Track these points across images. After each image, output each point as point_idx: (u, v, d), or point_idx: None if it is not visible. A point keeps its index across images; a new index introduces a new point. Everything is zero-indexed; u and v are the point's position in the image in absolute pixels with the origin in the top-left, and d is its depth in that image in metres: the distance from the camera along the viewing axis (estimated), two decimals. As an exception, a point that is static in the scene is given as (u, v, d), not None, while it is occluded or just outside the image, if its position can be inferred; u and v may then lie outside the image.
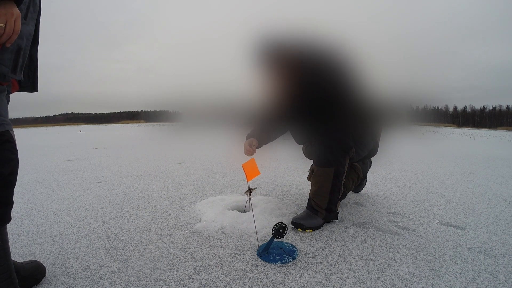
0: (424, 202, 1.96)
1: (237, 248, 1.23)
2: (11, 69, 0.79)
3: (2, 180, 0.75)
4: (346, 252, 1.21)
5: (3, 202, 0.76)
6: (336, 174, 1.45)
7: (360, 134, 1.56)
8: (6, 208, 0.77)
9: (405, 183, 2.53)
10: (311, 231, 1.42)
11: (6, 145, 0.78)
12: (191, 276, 1.02)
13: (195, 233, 1.39)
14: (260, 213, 1.58)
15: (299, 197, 2.01)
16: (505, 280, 1.02)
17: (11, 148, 0.79)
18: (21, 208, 1.79)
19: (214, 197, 1.92)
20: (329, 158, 1.45)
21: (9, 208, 0.78)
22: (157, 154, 4.52)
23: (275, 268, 1.07)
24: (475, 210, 1.81)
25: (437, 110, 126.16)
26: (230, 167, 3.23)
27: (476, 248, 1.27)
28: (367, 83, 1.53)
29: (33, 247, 1.25)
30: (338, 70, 1.45)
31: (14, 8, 0.71)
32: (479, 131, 24.13)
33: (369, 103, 1.57)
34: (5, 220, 0.77)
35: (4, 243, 0.78)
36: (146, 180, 2.58)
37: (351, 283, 0.99)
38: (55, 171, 3.06)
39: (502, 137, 12.53)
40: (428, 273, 1.05)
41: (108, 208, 1.77)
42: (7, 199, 0.77)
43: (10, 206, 0.78)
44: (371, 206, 1.84)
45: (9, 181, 0.77)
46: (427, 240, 1.34)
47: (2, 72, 0.77)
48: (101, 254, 1.18)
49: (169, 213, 1.68)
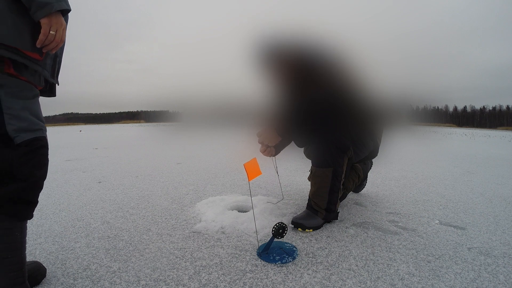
0: (424, 202, 1.96)
1: (237, 248, 1.23)
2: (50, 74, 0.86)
3: (34, 182, 0.83)
4: (346, 252, 1.21)
5: (30, 201, 0.83)
6: (335, 174, 1.45)
7: (359, 134, 1.56)
8: (31, 206, 0.84)
9: (405, 183, 2.53)
10: (311, 231, 1.42)
11: (42, 151, 0.84)
12: (191, 276, 1.02)
13: (195, 233, 1.39)
14: (260, 213, 1.58)
15: (299, 197, 2.01)
16: (505, 280, 1.02)
17: (45, 154, 0.86)
18: (21, 208, 1.79)
19: (214, 197, 1.92)
20: (327, 158, 1.45)
21: (33, 207, 0.85)
22: (157, 154, 4.52)
23: (275, 268, 1.07)
24: (475, 210, 1.81)
25: (437, 110, 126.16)
26: (230, 167, 3.23)
27: (476, 248, 1.27)
28: (366, 83, 1.53)
29: (33, 247, 1.25)
30: (336, 71, 1.45)
31: (62, 18, 0.79)
32: (479, 131, 24.13)
33: (368, 103, 1.57)
34: (28, 217, 0.84)
35: (23, 236, 0.83)
36: (146, 180, 2.58)
37: (351, 283, 0.99)
38: (55, 171, 3.06)
39: (502, 137, 12.53)
40: (428, 273, 1.05)
41: (108, 208, 1.77)
42: (34, 199, 0.85)
43: (35, 205, 0.86)
44: (371, 206, 1.84)
45: (39, 184, 0.85)
46: (427, 240, 1.34)
47: (45, 76, 0.82)
48: (101, 254, 1.18)
49: (169, 213, 1.68)
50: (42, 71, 0.82)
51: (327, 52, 1.47)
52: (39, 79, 0.85)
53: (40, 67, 0.81)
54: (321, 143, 1.49)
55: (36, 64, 0.80)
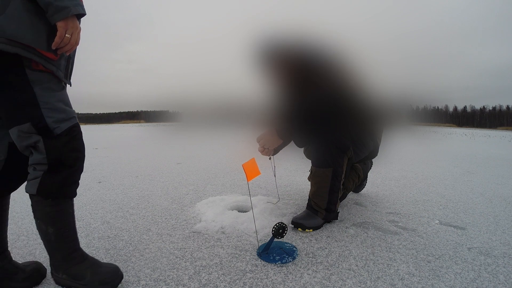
0: (424, 202, 1.96)
1: (237, 248, 1.23)
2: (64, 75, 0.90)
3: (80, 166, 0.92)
4: (346, 252, 1.21)
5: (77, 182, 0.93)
6: (335, 174, 1.45)
7: (359, 134, 1.56)
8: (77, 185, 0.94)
9: (405, 183, 2.53)
10: (311, 231, 1.42)
11: (79, 136, 0.93)
12: (191, 276, 1.02)
13: (195, 233, 1.39)
14: (260, 213, 1.58)
15: (299, 197, 2.01)
16: (505, 280, 1.02)
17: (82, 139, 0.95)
18: (21, 208, 1.79)
19: (214, 197, 1.92)
20: (327, 158, 1.45)
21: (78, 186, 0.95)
22: (157, 154, 4.52)
23: (275, 268, 1.07)
24: (475, 210, 1.81)
25: (437, 110, 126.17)
26: (230, 167, 3.23)
27: (476, 248, 1.27)
28: (366, 83, 1.53)
29: (33, 247, 1.25)
30: (336, 71, 1.45)
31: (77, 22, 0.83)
32: (479, 131, 24.14)
33: (367, 103, 1.57)
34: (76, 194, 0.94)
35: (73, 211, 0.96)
36: (146, 180, 2.58)
37: (351, 283, 0.99)
38: (55, 171, 3.06)
39: (502, 137, 12.53)
40: (428, 273, 1.05)
41: (108, 208, 1.77)
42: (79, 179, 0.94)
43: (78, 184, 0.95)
44: (371, 206, 1.84)
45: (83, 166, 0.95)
46: (427, 240, 1.34)
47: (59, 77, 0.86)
48: (101, 254, 1.18)
49: (169, 213, 1.68)
50: (57, 71, 0.85)
51: (327, 52, 1.47)
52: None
53: (54, 67, 0.84)
54: (321, 143, 1.49)
55: (51, 64, 0.83)
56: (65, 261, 0.92)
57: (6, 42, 0.74)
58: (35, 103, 0.81)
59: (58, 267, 0.93)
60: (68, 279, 0.92)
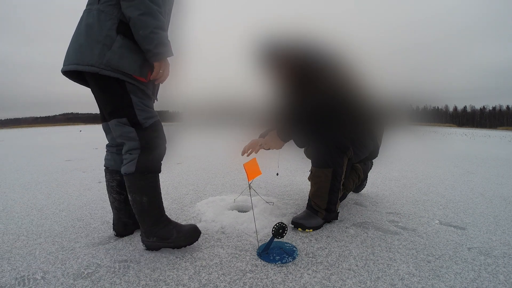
0: (424, 202, 1.96)
1: (237, 248, 1.23)
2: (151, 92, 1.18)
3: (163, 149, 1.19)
4: (346, 252, 1.21)
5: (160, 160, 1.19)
6: (334, 174, 1.45)
7: (359, 135, 1.56)
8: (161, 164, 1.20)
9: (405, 183, 2.53)
10: (311, 231, 1.42)
11: (161, 127, 1.19)
12: (191, 276, 1.02)
13: (195, 233, 1.39)
14: (260, 213, 1.58)
15: (299, 197, 2.01)
16: (505, 280, 1.02)
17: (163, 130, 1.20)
18: (21, 208, 1.79)
19: (214, 197, 1.92)
20: (326, 159, 1.45)
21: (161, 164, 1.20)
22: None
23: (275, 268, 1.07)
24: (475, 210, 1.81)
25: (437, 110, 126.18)
26: (230, 167, 3.23)
27: (476, 248, 1.27)
28: (366, 83, 1.53)
29: (33, 247, 1.25)
30: (336, 71, 1.45)
31: (167, 62, 1.13)
32: (479, 131, 24.13)
33: (367, 103, 1.57)
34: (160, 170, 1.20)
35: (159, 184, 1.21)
36: (146, 180, 2.58)
37: (351, 283, 0.99)
38: (55, 171, 3.06)
39: (502, 137, 12.53)
40: (428, 273, 1.05)
41: (108, 208, 1.77)
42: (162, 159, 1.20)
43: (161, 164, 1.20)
44: (371, 206, 1.84)
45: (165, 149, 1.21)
46: (427, 240, 1.34)
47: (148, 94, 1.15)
48: (101, 254, 1.18)
49: (169, 213, 1.68)
50: (146, 89, 1.14)
51: (328, 52, 1.47)
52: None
53: (145, 86, 1.12)
54: (321, 144, 1.49)
55: (142, 84, 1.11)
56: (155, 225, 1.16)
57: (112, 70, 1.04)
58: (130, 105, 1.10)
59: (149, 233, 1.16)
60: (158, 241, 1.17)
